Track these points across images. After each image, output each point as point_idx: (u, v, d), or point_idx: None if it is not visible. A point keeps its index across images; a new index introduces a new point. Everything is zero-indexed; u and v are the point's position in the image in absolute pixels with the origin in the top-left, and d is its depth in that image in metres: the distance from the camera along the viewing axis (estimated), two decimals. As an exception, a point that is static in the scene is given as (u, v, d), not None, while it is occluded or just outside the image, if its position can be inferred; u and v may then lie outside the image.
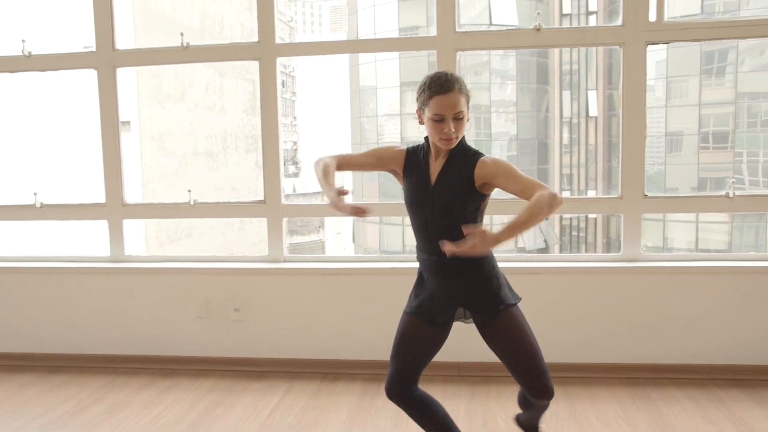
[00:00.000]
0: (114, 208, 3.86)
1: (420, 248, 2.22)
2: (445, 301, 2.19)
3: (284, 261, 3.78)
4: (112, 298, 3.80)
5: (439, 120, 2.04)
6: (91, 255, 3.97)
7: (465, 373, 3.47)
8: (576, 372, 3.41)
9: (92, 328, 3.81)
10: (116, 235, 3.90)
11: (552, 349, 3.36)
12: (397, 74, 17.48)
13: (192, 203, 3.83)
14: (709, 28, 3.46)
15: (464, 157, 2.12)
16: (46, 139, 14.37)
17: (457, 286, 2.16)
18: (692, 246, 17.41)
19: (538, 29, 3.37)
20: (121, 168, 3.88)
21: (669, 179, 18.10)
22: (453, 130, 2.04)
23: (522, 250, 16.38)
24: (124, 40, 3.88)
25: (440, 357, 3.35)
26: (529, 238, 17.30)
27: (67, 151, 14.01)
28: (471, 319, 2.20)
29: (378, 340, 3.52)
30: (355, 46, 4.03)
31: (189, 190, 3.91)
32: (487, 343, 2.17)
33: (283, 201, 3.78)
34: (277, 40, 3.65)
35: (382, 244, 18.05)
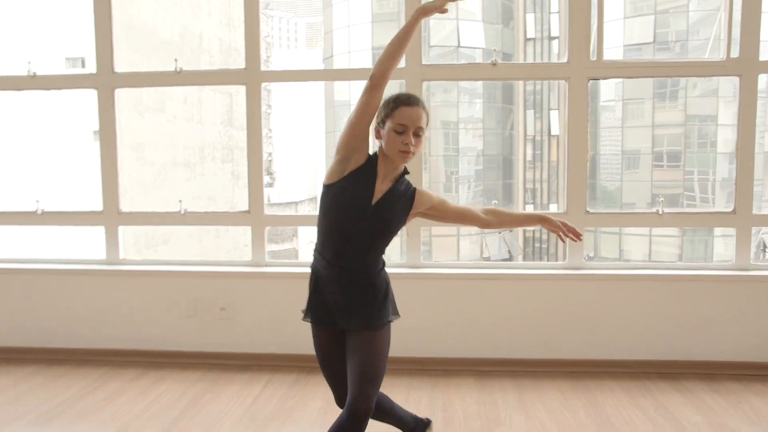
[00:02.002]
0: (111, 216, 4.10)
1: (327, 255, 2.17)
2: (334, 307, 2.19)
3: (266, 265, 4.05)
4: (108, 298, 4.02)
5: (401, 132, 2.04)
6: (88, 258, 4.20)
7: (427, 367, 3.76)
8: (525, 366, 3.72)
9: (89, 324, 4.03)
10: (112, 240, 4.14)
11: (504, 345, 3.74)
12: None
13: (182, 212, 4.09)
14: (642, 67, 3.86)
15: (404, 187, 2.18)
16: (47, 150, 14.46)
17: (350, 297, 2.15)
18: (647, 257, 17.97)
19: (494, 64, 3.73)
20: (118, 179, 4.11)
21: (626, 195, 18.68)
22: (413, 144, 2.05)
23: (487, 259, 16.78)
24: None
25: (405, 353, 3.72)
26: (494, 248, 17.73)
27: (65, 162, 14.10)
28: (349, 328, 2.18)
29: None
30: (333, 74, 4.36)
31: (180, 200, 4.15)
32: (346, 346, 2.18)
33: (266, 212, 4.06)
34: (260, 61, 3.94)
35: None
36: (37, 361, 3.97)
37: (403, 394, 3.39)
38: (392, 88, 2.19)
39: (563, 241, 2.40)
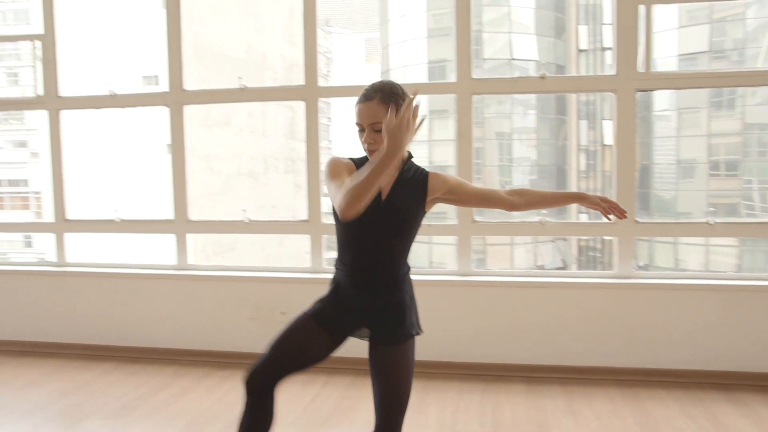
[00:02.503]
0: (180, 224, 4.28)
1: (347, 261, 2.02)
2: (353, 315, 2.01)
3: (323, 272, 4.14)
4: (178, 301, 4.19)
5: (361, 130, 1.91)
6: (160, 263, 4.38)
7: (478, 372, 3.76)
8: (574, 373, 3.68)
9: (162, 325, 4.20)
10: (182, 246, 4.31)
11: (553, 352, 3.71)
12: (425, 103, 17.90)
13: (246, 221, 4.22)
14: (691, 78, 3.78)
15: (414, 173, 2.00)
16: (125, 163, 15.17)
17: (373, 304, 1.99)
18: (704, 267, 17.35)
19: (543, 77, 3.72)
20: (186, 190, 4.29)
21: (681, 204, 18.11)
22: (373, 141, 1.87)
23: (541, 267, 16.54)
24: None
25: (456, 358, 3.73)
26: (547, 257, 17.47)
27: (141, 174, 14.75)
28: (367, 338, 2.04)
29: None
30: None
31: (244, 210, 4.30)
32: (370, 361, 2.02)
33: (323, 221, 4.15)
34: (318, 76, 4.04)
35: (410, 260, 18.34)
36: (115, 358, 4.16)
37: (454, 398, 3.41)
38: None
39: (608, 219, 2.14)
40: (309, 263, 4.15)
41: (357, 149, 2.01)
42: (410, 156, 2.03)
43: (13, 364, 4.13)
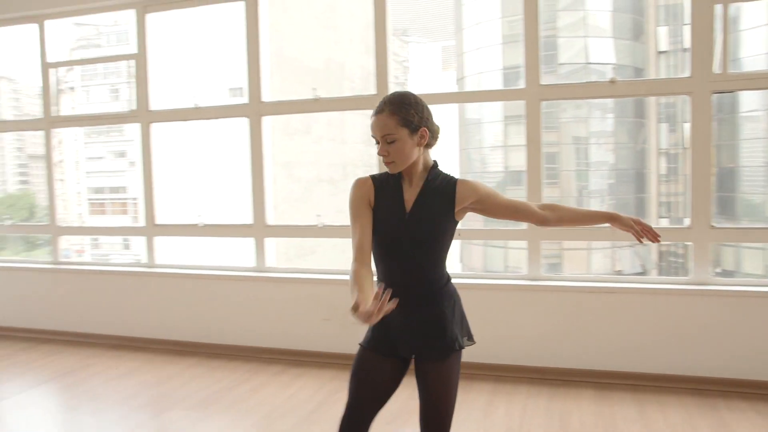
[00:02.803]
0: (259, 229, 4.43)
1: (381, 277, 1.95)
2: (395, 332, 1.92)
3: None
4: (256, 301, 4.33)
5: (377, 143, 1.89)
6: (240, 266, 4.55)
7: (547, 377, 3.69)
8: (646, 380, 3.55)
9: (241, 323, 4.36)
10: (260, 249, 4.45)
11: (624, 358, 3.59)
12: (501, 109, 17.63)
13: (320, 225, 4.32)
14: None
15: (441, 181, 1.93)
16: (208, 170, 15.87)
17: (411, 320, 1.90)
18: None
19: (613, 82, 3.62)
20: (264, 197, 4.43)
21: (771, 208, 17.04)
22: (387, 153, 1.86)
23: (619, 272, 15.96)
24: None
25: (524, 362, 3.68)
26: (626, 262, 16.82)
27: (224, 181, 15.38)
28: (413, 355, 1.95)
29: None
30: (453, 97, 4.43)
31: (318, 215, 4.40)
32: (416, 376, 1.95)
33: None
34: (391, 81, 4.07)
35: (486, 264, 18.15)
36: (198, 354, 4.35)
37: (521, 401, 3.36)
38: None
39: (640, 242, 2.02)
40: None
41: (436, 156, 1.99)
42: (435, 164, 1.96)
43: (108, 357, 4.39)
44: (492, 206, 1.93)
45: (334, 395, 3.54)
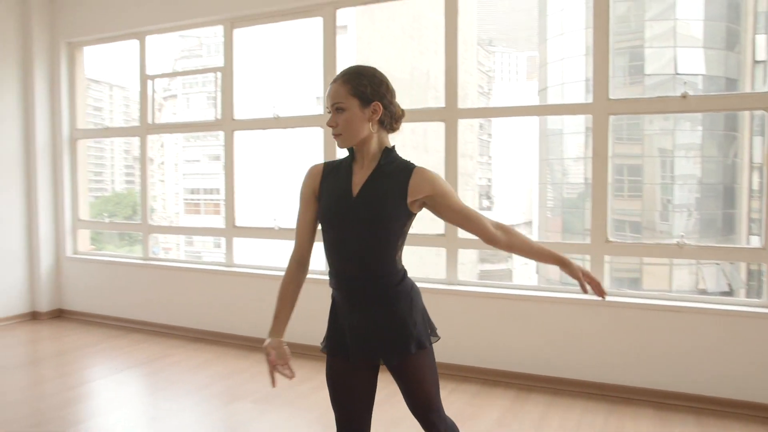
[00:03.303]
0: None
1: (332, 271, 1.81)
2: (356, 340, 1.77)
3: (458, 284, 4.17)
4: (324, 302, 4.42)
5: (330, 113, 1.76)
6: (317, 268, 4.42)
7: (606, 393, 3.58)
8: (710, 404, 3.36)
9: (307, 322, 4.44)
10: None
11: (688, 379, 3.42)
12: (583, 120, 17.15)
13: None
14: None
15: (398, 166, 1.77)
16: (282, 177, 16.46)
17: (369, 320, 1.76)
18: None
19: (684, 97, 3.47)
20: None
21: None
22: (335, 124, 1.73)
23: (703, 291, 15.12)
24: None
25: (583, 377, 3.58)
26: (711, 280, 15.89)
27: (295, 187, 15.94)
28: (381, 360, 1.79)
29: (527, 355, 3.80)
30: (517, 111, 4.35)
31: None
32: (391, 374, 1.82)
33: (459, 236, 4.16)
34: (475, 90, 4.08)
35: (564, 277, 17.66)
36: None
37: (577, 416, 3.28)
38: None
39: (585, 292, 1.82)
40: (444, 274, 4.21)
41: (518, 166, 1.88)
42: (393, 148, 1.81)
43: (188, 348, 4.63)
44: (445, 207, 1.76)
45: (392, 397, 3.55)
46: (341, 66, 4.49)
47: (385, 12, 17.80)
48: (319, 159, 4.53)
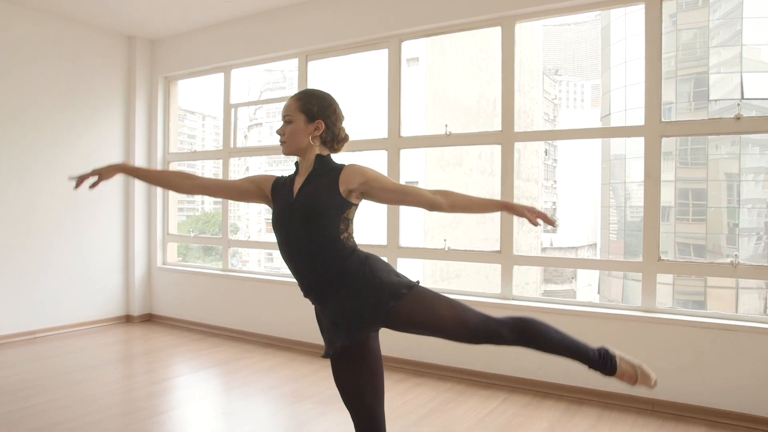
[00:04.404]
0: (392, 249, 4.58)
1: (295, 277, 1.89)
2: (330, 333, 1.85)
3: (513, 299, 4.14)
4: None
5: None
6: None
7: (657, 409, 3.46)
8: (762, 424, 3.19)
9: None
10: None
11: (743, 399, 3.26)
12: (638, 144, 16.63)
13: (446, 249, 4.40)
14: None
15: (329, 168, 1.89)
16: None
17: (343, 303, 1.79)
18: None
19: (738, 118, 3.35)
20: (399, 222, 4.58)
21: None
22: (283, 132, 1.92)
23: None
24: (413, 119, 4.54)
25: (635, 392, 3.46)
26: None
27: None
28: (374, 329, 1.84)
29: (579, 368, 3.70)
30: (570, 134, 4.31)
31: (444, 239, 4.47)
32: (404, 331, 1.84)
33: (514, 252, 4.13)
34: (541, 118, 4.08)
35: (625, 297, 16.99)
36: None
37: (626, 430, 3.17)
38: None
39: (535, 225, 1.87)
40: (499, 289, 4.19)
41: (582, 190, 1.89)
42: (328, 156, 1.94)
43: (261, 352, 4.79)
44: (380, 189, 1.83)
45: (446, 404, 3.58)
46: (407, 95, 4.58)
47: (453, 45, 17.93)
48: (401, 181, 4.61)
